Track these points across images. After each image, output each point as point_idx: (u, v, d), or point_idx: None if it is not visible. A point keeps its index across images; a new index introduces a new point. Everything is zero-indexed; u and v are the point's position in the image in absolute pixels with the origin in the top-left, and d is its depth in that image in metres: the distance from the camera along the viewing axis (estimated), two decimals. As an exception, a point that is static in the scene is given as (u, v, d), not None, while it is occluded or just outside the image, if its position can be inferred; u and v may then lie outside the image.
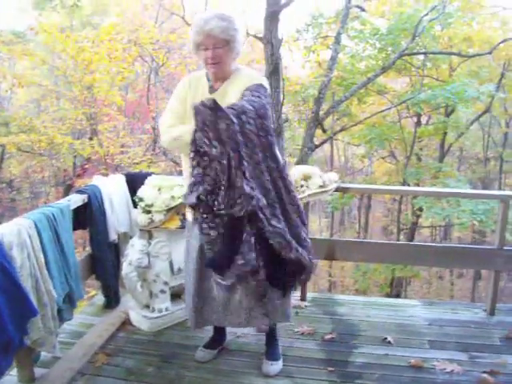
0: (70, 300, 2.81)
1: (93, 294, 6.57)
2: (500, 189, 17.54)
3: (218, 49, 2.37)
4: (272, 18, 7.40)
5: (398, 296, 13.62)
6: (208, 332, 3.05)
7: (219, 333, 3.02)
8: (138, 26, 11.20)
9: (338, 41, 9.22)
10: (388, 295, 13.17)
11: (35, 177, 16.04)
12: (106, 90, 11.10)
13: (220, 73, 2.47)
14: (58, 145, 11.27)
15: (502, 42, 11.20)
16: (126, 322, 3.37)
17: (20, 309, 2.27)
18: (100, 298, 3.71)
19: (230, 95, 2.43)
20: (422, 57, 11.69)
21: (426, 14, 9.35)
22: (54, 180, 16.93)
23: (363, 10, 10.27)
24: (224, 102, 2.05)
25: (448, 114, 13.29)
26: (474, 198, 9.25)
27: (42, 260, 2.48)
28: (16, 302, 2.24)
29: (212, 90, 2.53)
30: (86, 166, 12.21)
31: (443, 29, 11.35)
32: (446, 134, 13.91)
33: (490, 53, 10.81)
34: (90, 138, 11.88)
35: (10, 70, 14.57)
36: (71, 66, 10.90)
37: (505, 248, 3.54)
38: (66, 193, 12.58)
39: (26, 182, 17.40)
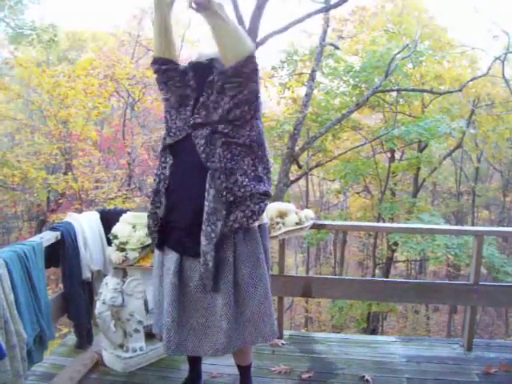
0: (40, 341, 2.71)
1: (64, 331, 6.41)
2: (473, 222, 17.79)
3: None
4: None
5: (374, 331, 13.59)
6: (184, 372, 2.98)
7: (195, 372, 2.93)
8: (114, 61, 11.22)
9: (312, 78, 9.38)
10: (365, 330, 13.14)
11: (7, 211, 15.75)
12: (82, 124, 11.04)
13: None
14: (31, 179, 11.11)
15: (472, 79, 11.55)
16: (98, 363, 3.26)
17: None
18: (72, 338, 3.60)
19: None
20: (394, 93, 11.95)
21: (399, 53, 9.58)
22: (27, 215, 16.65)
23: (337, 47, 10.49)
24: None
25: (421, 150, 13.57)
26: (449, 234, 9.35)
27: (12, 300, 2.40)
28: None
29: None
30: (60, 201, 12.04)
31: (415, 66, 11.66)
32: (419, 169, 14.16)
33: (460, 90, 11.10)
34: (65, 173, 11.73)
35: (-17, 103, 14.45)
36: (46, 100, 10.84)
37: (480, 283, 3.55)
38: (39, 228, 12.37)
39: (-3, 217, 17.08)
